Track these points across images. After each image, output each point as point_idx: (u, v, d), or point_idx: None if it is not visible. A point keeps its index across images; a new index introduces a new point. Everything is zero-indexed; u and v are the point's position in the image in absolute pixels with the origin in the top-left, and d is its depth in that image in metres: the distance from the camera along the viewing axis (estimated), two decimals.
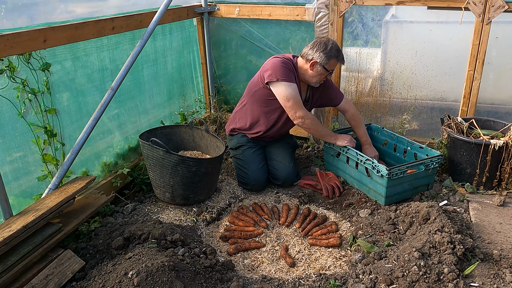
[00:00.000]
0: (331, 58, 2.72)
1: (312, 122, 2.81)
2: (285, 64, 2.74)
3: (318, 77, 2.80)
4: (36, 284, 1.84)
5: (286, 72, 2.71)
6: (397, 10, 3.38)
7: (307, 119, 2.77)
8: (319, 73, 2.77)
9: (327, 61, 2.72)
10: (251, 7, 3.63)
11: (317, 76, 2.79)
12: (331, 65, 2.75)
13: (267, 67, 2.76)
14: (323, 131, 2.91)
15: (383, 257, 2.13)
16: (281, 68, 2.70)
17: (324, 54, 2.71)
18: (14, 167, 2.24)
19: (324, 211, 2.77)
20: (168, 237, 2.19)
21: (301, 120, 2.76)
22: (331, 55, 2.71)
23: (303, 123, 2.77)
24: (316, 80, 2.82)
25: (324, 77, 2.82)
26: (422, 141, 3.25)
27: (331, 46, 2.72)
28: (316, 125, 2.84)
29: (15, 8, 2.24)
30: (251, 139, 3.05)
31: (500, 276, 2.00)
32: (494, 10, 2.88)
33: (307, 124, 2.78)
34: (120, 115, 2.99)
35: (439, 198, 2.75)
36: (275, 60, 2.76)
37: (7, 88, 2.13)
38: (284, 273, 2.20)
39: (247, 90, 2.99)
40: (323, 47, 2.71)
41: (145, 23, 2.91)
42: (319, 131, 2.89)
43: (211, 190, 2.87)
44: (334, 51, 2.72)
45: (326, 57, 2.71)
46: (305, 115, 2.75)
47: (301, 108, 2.74)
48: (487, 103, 3.25)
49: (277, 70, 2.70)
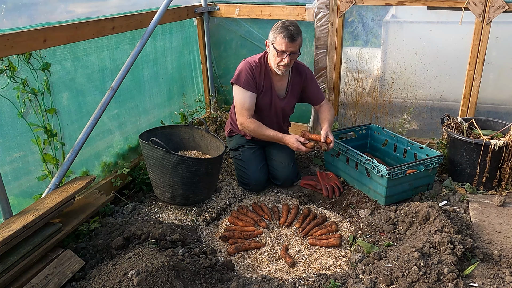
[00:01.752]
0: (276, 34, 2.67)
1: (251, 128, 2.82)
2: (250, 70, 2.81)
3: (274, 59, 2.76)
4: (36, 284, 1.84)
5: (245, 78, 2.80)
6: (397, 10, 3.38)
7: (246, 126, 2.83)
8: (272, 54, 2.75)
9: (274, 39, 2.69)
10: (251, 7, 3.63)
11: (272, 57, 2.77)
12: (278, 43, 2.67)
13: (236, 71, 2.87)
14: (266, 134, 2.83)
15: (383, 257, 2.13)
16: (243, 74, 2.81)
17: (272, 32, 2.71)
18: (14, 167, 2.24)
19: (324, 211, 2.77)
20: (168, 237, 2.19)
21: (241, 127, 2.87)
22: (277, 32, 2.67)
23: (242, 128, 2.87)
24: (274, 64, 2.77)
25: (280, 62, 2.73)
26: (422, 141, 3.25)
27: (279, 24, 2.69)
28: (256, 130, 2.82)
29: (15, 8, 2.24)
30: (249, 140, 3.06)
31: (500, 276, 2.00)
32: (494, 10, 2.88)
33: (245, 130, 2.87)
34: (120, 115, 2.99)
35: (439, 198, 2.75)
36: (243, 65, 2.85)
37: (7, 88, 2.13)
38: (284, 273, 2.20)
39: None
40: (274, 27, 2.71)
41: (145, 23, 2.91)
42: (261, 136, 2.86)
43: (211, 190, 2.87)
44: (280, 27, 2.66)
45: (273, 34, 2.70)
46: (244, 122, 2.82)
47: (242, 115, 2.82)
48: (487, 103, 3.25)
49: (239, 75, 2.82)
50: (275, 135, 2.81)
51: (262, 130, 2.82)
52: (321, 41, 3.44)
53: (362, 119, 3.65)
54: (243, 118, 2.82)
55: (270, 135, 2.82)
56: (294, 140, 2.75)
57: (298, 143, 2.73)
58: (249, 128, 2.82)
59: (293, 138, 2.76)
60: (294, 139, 2.75)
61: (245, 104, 2.81)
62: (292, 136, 2.78)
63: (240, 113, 2.83)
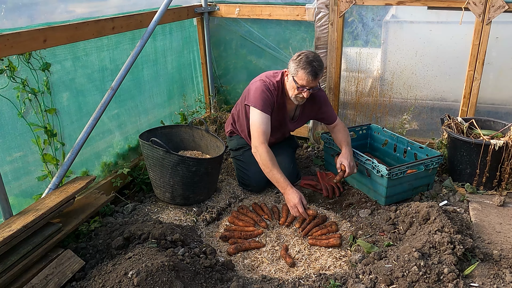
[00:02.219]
0: (298, 69, 2.53)
1: (263, 157, 2.56)
2: (269, 92, 2.67)
3: (292, 91, 2.63)
4: (36, 284, 1.84)
5: (262, 100, 2.64)
6: (397, 10, 3.38)
7: (258, 152, 2.58)
8: (291, 86, 2.62)
9: (295, 72, 2.55)
10: (251, 7, 3.63)
11: (290, 88, 2.64)
12: (299, 78, 2.54)
13: (251, 90, 2.72)
14: (272, 173, 2.54)
15: (383, 257, 2.13)
16: (260, 96, 2.64)
17: (294, 63, 2.56)
18: (14, 167, 2.24)
19: (324, 211, 2.77)
20: (168, 237, 2.19)
21: (255, 150, 2.61)
22: (299, 65, 2.53)
23: (254, 153, 2.62)
24: (291, 94, 2.65)
25: (299, 94, 2.61)
26: (422, 141, 3.25)
27: (302, 57, 2.54)
28: (266, 162, 2.55)
29: (15, 8, 2.24)
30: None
31: (500, 276, 2.00)
32: (494, 10, 2.88)
33: (257, 156, 2.60)
34: (120, 115, 2.99)
35: (439, 198, 2.75)
36: (261, 86, 2.68)
37: (7, 88, 2.13)
38: (284, 273, 2.20)
39: (241, 97, 2.96)
40: (296, 57, 2.58)
41: (145, 23, 2.91)
42: (268, 172, 2.57)
43: (211, 190, 2.87)
44: (303, 62, 2.52)
45: (295, 67, 2.55)
46: (259, 144, 2.58)
47: (259, 137, 2.60)
48: (487, 103, 3.25)
49: (256, 96, 2.66)
50: (280, 181, 2.52)
51: (271, 164, 2.54)
52: (321, 41, 3.44)
53: (362, 119, 3.65)
54: (258, 142, 2.60)
55: (276, 178, 2.54)
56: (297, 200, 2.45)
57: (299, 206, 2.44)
58: (262, 156, 2.56)
59: (296, 198, 2.45)
60: (297, 199, 2.45)
61: (263, 128, 2.62)
62: (296, 194, 2.47)
63: (256, 136, 2.62)
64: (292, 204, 2.47)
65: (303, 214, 2.47)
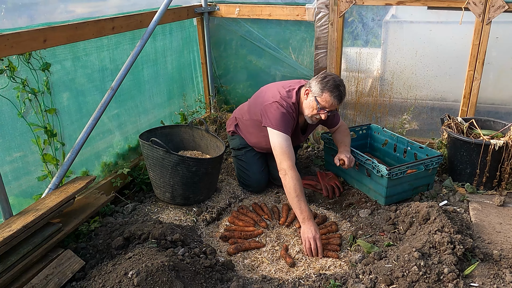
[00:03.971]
0: (324, 90, 2.49)
1: (294, 183, 2.45)
2: (288, 115, 2.60)
3: (310, 110, 2.60)
4: (36, 284, 1.84)
5: (283, 123, 2.57)
6: (397, 10, 3.38)
7: (288, 175, 2.47)
8: (310, 105, 2.58)
9: (320, 93, 2.51)
10: (251, 7, 3.63)
11: (308, 108, 2.60)
12: (324, 99, 2.51)
13: (268, 112, 2.62)
14: (299, 200, 2.43)
15: (383, 257, 2.13)
16: (281, 118, 2.57)
17: (319, 85, 2.51)
18: (14, 167, 2.24)
19: (324, 211, 2.77)
20: (168, 237, 2.19)
21: (283, 172, 2.49)
22: (325, 87, 2.49)
23: (283, 176, 2.49)
24: (308, 113, 2.62)
25: (316, 114, 2.59)
26: (422, 141, 3.25)
27: (329, 79, 2.51)
28: (296, 188, 2.44)
29: (15, 8, 2.24)
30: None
31: (500, 276, 2.00)
32: (494, 10, 2.88)
33: (286, 179, 2.48)
34: (120, 115, 2.99)
35: (439, 198, 2.75)
36: (279, 108, 2.59)
37: (7, 88, 2.13)
38: (284, 273, 2.20)
39: (251, 109, 2.86)
40: (321, 78, 2.54)
41: (145, 23, 2.91)
42: (292, 197, 2.45)
43: (211, 190, 2.87)
44: (330, 85, 2.49)
45: (320, 88, 2.51)
46: (288, 168, 2.48)
47: (287, 160, 2.50)
48: (487, 103, 3.25)
49: (277, 119, 2.57)
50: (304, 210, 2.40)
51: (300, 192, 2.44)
52: (321, 41, 3.44)
53: (362, 119, 3.65)
54: (288, 166, 2.48)
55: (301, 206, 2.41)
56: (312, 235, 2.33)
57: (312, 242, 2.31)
58: (292, 181, 2.44)
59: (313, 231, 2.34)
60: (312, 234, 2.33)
61: (289, 151, 2.53)
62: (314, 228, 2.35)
63: (285, 159, 2.50)
64: (305, 237, 2.34)
65: (313, 251, 2.31)
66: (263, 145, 2.86)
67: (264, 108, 2.67)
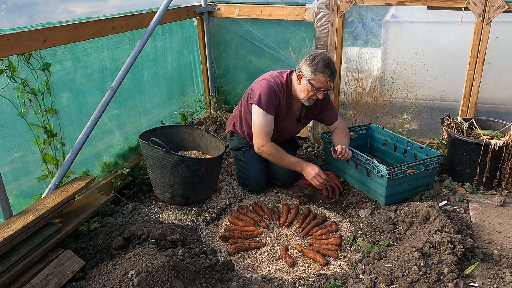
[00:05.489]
0: (316, 72, 2.58)
1: (271, 153, 2.71)
2: (272, 91, 2.69)
3: (305, 93, 2.67)
4: (36, 284, 1.84)
5: (267, 100, 2.66)
6: (397, 10, 3.38)
7: (266, 150, 2.70)
8: (305, 89, 2.65)
9: (313, 76, 2.59)
10: (251, 7, 3.63)
11: (304, 91, 2.67)
12: (318, 81, 2.60)
13: (256, 89, 2.73)
14: (285, 162, 2.73)
15: (383, 257, 2.13)
16: (266, 96, 2.66)
17: (310, 67, 2.59)
18: (14, 167, 2.24)
19: (324, 211, 2.77)
20: (168, 237, 2.19)
21: (258, 149, 2.74)
22: (316, 69, 2.57)
23: (260, 152, 2.75)
24: (303, 96, 2.69)
25: (312, 95, 2.67)
26: (422, 141, 3.25)
27: (318, 60, 2.59)
28: (276, 156, 2.72)
29: (15, 8, 2.24)
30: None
31: (500, 276, 2.00)
32: (494, 10, 2.88)
33: (264, 154, 2.74)
34: (120, 115, 2.99)
35: (439, 198, 2.75)
36: (265, 85, 2.70)
37: (7, 88, 2.13)
38: (284, 273, 2.20)
39: (243, 98, 2.96)
40: (310, 60, 2.61)
41: (145, 23, 2.91)
42: (280, 163, 2.75)
43: (211, 190, 2.87)
44: (320, 65, 2.57)
45: (312, 71, 2.58)
46: (264, 145, 2.70)
47: (261, 138, 2.69)
48: (487, 103, 3.25)
49: (261, 96, 2.67)
50: (295, 162, 2.70)
51: (281, 155, 2.71)
52: (321, 41, 3.44)
53: (362, 119, 3.65)
54: (263, 141, 2.70)
55: (290, 162, 2.70)
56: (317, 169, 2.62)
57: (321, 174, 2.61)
58: (271, 152, 2.69)
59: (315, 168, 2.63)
60: (316, 169, 2.63)
61: (266, 128, 2.70)
62: (314, 166, 2.65)
63: (258, 136, 2.71)
64: (311, 177, 2.60)
65: (325, 181, 2.60)
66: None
67: (252, 86, 2.81)
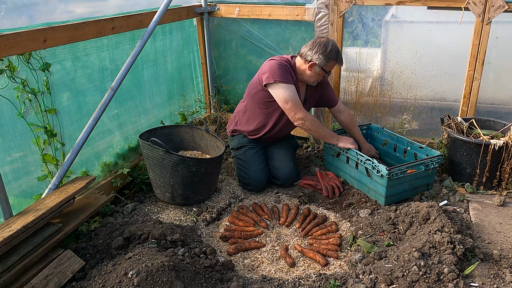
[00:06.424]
0: (330, 60, 2.71)
1: (313, 123, 2.78)
2: (282, 66, 2.73)
3: (316, 77, 2.81)
4: (36, 284, 1.84)
5: (283, 73, 2.69)
6: (397, 10, 3.38)
7: (307, 121, 2.74)
8: (317, 74, 2.77)
9: (326, 63, 2.72)
10: (251, 7, 3.63)
11: (315, 76, 2.79)
12: (329, 67, 2.76)
13: (264, 70, 2.75)
14: (323, 132, 2.88)
15: (383, 257, 2.13)
16: (278, 69, 2.69)
17: (324, 56, 2.69)
18: (14, 167, 2.24)
19: (324, 211, 2.77)
20: (168, 237, 2.19)
21: (301, 122, 2.74)
22: (330, 57, 2.70)
23: (303, 124, 2.76)
24: (314, 80, 2.83)
25: (322, 77, 2.84)
26: (422, 141, 3.25)
27: (330, 48, 2.70)
28: (316, 126, 2.82)
29: (15, 8, 2.24)
30: (252, 140, 3.05)
31: (500, 276, 2.00)
32: (494, 10, 2.88)
33: (307, 125, 2.76)
34: (120, 115, 2.99)
35: (439, 198, 2.75)
36: (272, 62, 2.75)
37: (7, 88, 2.13)
38: (284, 273, 2.20)
39: (247, 92, 2.99)
40: (323, 49, 2.69)
41: (145, 23, 2.91)
42: (319, 133, 2.87)
43: (211, 190, 2.87)
44: (333, 53, 2.70)
45: (325, 59, 2.70)
46: (304, 116, 2.73)
47: (301, 110, 2.72)
48: (487, 103, 3.25)
49: (274, 72, 2.68)
50: (332, 135, 2.90)
51: (321, 125, 2.91)
52: None
53: (362, 119, 3.65)
54: (302, 113, 2.73)
55: (328, 134, 2.90)
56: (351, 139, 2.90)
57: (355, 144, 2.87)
58: (310, 120, 2.77)
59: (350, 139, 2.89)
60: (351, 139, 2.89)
61: (296, 98, 2.71)
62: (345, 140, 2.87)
63: (294, 110, 2.70)
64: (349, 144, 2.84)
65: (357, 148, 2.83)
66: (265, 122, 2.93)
67: (261, 71, 2.81)
